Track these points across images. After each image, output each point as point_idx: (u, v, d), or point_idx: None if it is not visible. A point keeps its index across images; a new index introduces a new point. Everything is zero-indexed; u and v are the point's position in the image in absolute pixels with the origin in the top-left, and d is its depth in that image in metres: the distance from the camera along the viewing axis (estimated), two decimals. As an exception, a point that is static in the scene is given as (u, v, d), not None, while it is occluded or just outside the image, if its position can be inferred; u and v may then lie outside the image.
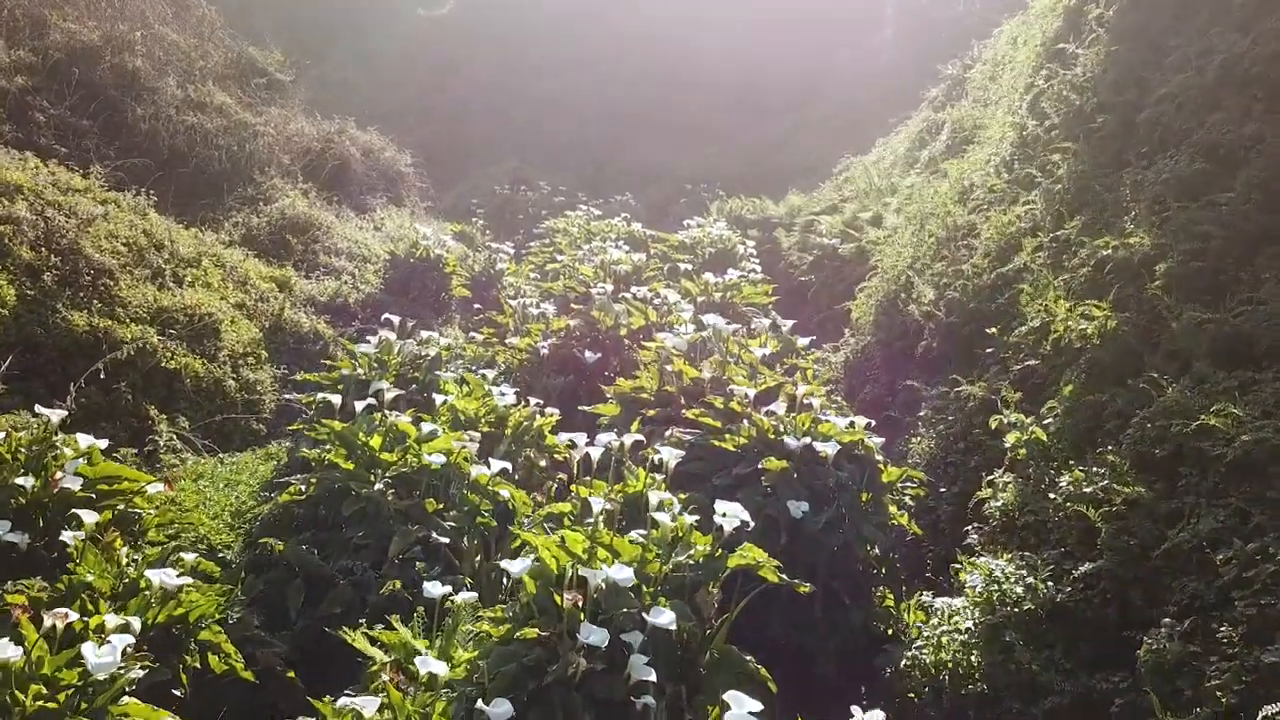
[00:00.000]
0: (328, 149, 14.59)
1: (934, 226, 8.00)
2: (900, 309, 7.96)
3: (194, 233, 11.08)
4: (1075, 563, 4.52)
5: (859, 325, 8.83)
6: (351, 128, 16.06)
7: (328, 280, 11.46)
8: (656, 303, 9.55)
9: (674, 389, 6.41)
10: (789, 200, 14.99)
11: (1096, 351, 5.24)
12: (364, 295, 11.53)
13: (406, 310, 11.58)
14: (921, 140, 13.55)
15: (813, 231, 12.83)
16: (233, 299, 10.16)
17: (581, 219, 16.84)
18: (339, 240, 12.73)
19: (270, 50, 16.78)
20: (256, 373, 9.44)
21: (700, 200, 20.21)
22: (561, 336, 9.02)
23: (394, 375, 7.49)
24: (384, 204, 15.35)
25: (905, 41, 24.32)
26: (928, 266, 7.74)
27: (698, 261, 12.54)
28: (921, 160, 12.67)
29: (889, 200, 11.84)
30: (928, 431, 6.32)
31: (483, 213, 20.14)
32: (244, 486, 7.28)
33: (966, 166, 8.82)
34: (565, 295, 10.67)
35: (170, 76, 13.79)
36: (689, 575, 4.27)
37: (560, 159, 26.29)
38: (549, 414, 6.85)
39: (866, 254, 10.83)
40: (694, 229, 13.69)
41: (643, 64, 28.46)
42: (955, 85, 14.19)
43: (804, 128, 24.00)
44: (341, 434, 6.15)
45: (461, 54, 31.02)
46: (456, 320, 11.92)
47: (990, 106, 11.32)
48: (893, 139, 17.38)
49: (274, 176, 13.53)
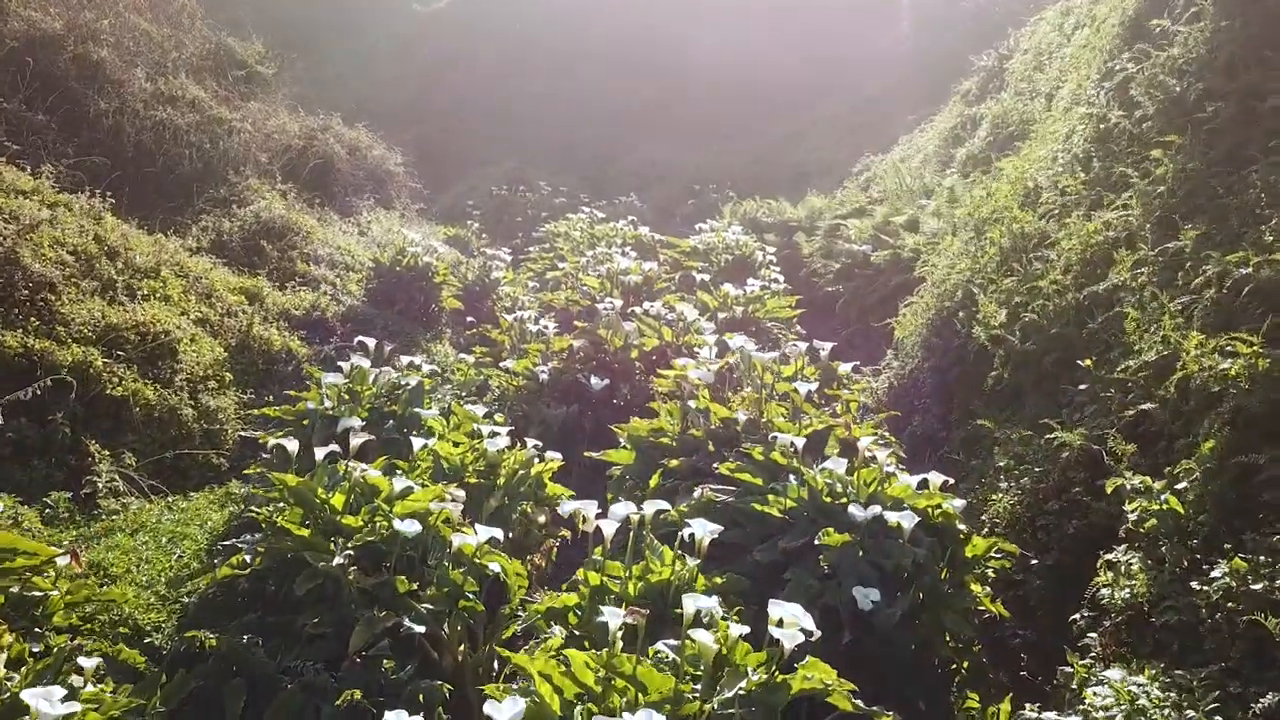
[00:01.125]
0: (310, 147, 13.47)
1: (996, 234, 6.88)
2: (958, 330, 6.84)
3: (156, 239, 9.99)
4: (1248, 687, 3.40)
5: (905, 346, 7.72)
6: (337, 124, 14.94)
7: (304, 291, 10.34)
8: (670, 318, 8.44)
9: (700, 433, 5.29)
10: (809, 202, 13.88)
11: (1243, 397, 4.11)
12: (345, 308, 10.41)
13: (392, 324, 10.47)
14: (955, 137, 12.44)
15: (838, 237, 11.72)
16: (195, 314, 9.06)
17: (584, 222, 15.72)
18: (319, 246, 11.61)
19: (251, 41, 15.66)
20: (218, 399, 8.33)
21: (709, 202, 19.08)
22: (564, 358, 7.90)
23: (367, 410, 6.37)
24: (371, 206, 14.24)
25: (923, 35, 23.19)
26: (992, 281, 6.63)
27: (713, 269, 11.42)
28: (958, 159, 11.56)
29: (925, 202, 10.73)
30: (1008, 485, 5.19)
31: (479, 215, 19.01)
32: (190, 542, 6.17)
33: (1026, 165, 7.70)
34: (567, 309, 9.55)
35: (139, 68, 12.70)
36: (739, 714, 3.15)
37: (561, 158, 25.16)
38: (549, 459, 5.73)
39: (904, 262, 9.72)
40: (707, 234, 12.56)
41: (647, 59, 27.32)
42: (991, 77, 13.08)
43: (817, 125, 22.86)
44: (297, 490, 5.02)
45: (459, 49, 29.91)
46: (447, 335, 10.80)
47: (1039, 99, 10.21)
48: (918, 136, 16.27)
49: (250, 176, 12.42)
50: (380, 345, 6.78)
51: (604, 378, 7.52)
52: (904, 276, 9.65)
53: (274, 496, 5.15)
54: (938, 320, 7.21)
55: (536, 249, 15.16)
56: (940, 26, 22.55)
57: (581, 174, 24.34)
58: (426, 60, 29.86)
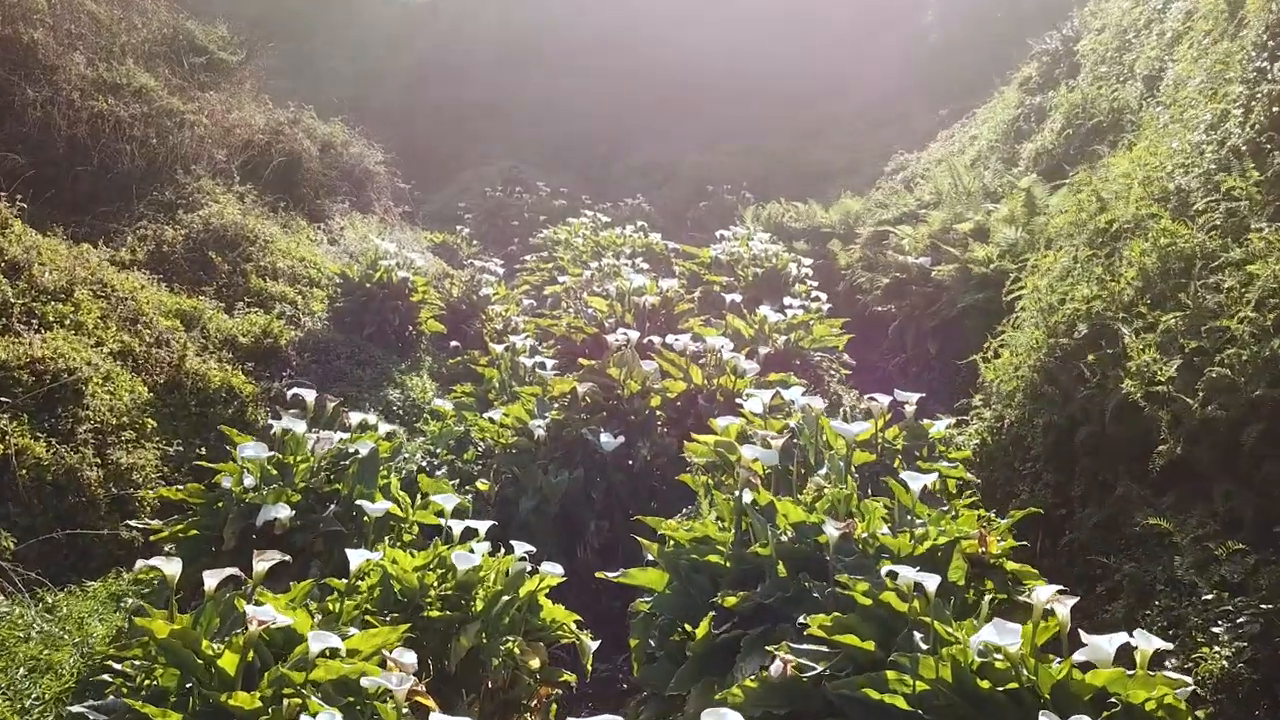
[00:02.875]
0: (275, 142, 11.79)
1: (1135, 250, 5.22)
2: (1085, 376, 5.17)
3: (79, 250, 8.36)
4: None
5: (1000, 391, 6.05)
6: (309, 117, 13.24)
7: (256, 314, 8.66)
8: (695, 349, 6.75)
9: (767, 550, 3.61)
10: (843, 205, 12.21)
11: None
12: (304, 333, 8.73)
13: (360, 352, 8.78)
14: (1017, 130, 10.78)
15: (884, 246, 10.06)
16: (113, 344, 7.40)
17: (587, 227, 14.05)
18: (279, 258, 9.93)
19: (214, 25, 13.95)
20: (134, 454, 6.69)
21: (724, 204, 17.41)
22: (565, 405, 6.22)
23: (300, 491, 4.70)
24: (346, 210, 12.54)
25: (951, 24, 21.50)
26: (1137, 314, 4.97)
27: (739, 285, 9.75)
28: (1025, 155, 9.90)
29: (993, 207, 9.06)
30: (1226, 634, 3.51)
31: (471, 219, 17.36)
32: (51, 680, 4.53)
33: (1153, 161, 6.03)
34: (569, 336, 7.87)
35: (79, 52, 11.04)
36: None
37: (561, 157, 23.49)
38: (546, 575, 4.06)
39: (976, 279, 8.06)
40: (730, 242, 10.87)
41: (651, 53, 25.62)
42: (1055, 62, 11.41)
43: (839, 121, 21.16)
44: (170, 645, 3.35)
45: (453, 43, 28.26)
46: (426, 364, 9.11)
47: (1132, 82, 8.53)
48: (959, 131, 14.61)
49: (202, 176, 10.74)
50: (322, 399, 5.09)
51: (617, 432, 5.84)
52: (975, 297, 7.98)
53: (135, 655, 3.47)
54: (1052, 362, 5.54)
55: (533, 258, 13.50)
56: (970, 14, 20.86)
57: (582, 174, 22.69)
58: (419, 54, 28.23)
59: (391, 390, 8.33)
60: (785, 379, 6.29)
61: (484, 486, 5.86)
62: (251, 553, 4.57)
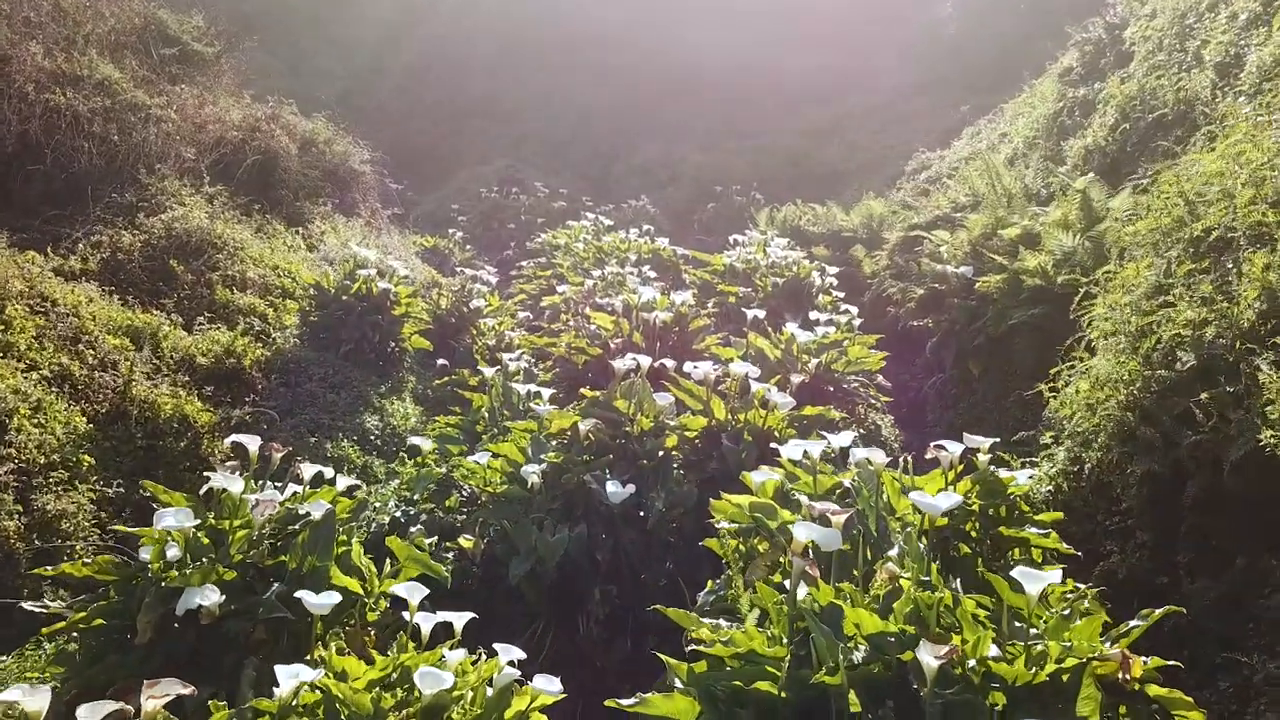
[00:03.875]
0: (251, 139, 10.87)
1: (1257, 267, 4.31)
2: (1197, 419, 4.25)
3: (22, 259, 7.48)
4: None
5: (1076, 430, 5.13)
6: (289, 113, 12.30)
7: (218, 330, 7.74)
8: (716, 374, 5.80)
9: (837, 680, 2.68)
10: (865, 207, 11.27)
11: None
12: (272, 351, 7.80)
13: (335, 373, 7.87)
14: (1059, 126, 9.85)
15: (916, 252, 9.14)
16: (49, 367, 6.51)
17: (589, 231, 13.11)
18: (250, 266, 9.01)
19: (188, 15, 13.01)
20: (65, 498, 5.82)
21: (733, 205, 16.47)
22: (565, 444, 5.29)
23: (236, 567, 3.78)
24: (329, 213, 11.61)
25: (970, 15, 20.56)
26: (1267, 347, 4.05)
27: (757, 297, 8.81)
28: (1072, 153, 8.97)
29: (1041, 210, 8.14)
30: None
31: (465, 222, 16.41)
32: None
33: (1256, 156, 5.10)
34: (569, 358, 6.93)
35: (36, 42, 10.13)
36: None
37: (561, 156, 22.56)
38: (538, 693, 3.13)
39: (1030, 293, 7.13)
40: (746, 248, 9.93)
41: (656, 48, 24.69)
42: (1100, 52, 10.48)
43: (851, 118, 20.22)
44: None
45: (451, 39, 27.36)
46: (410, 385, 8.18)
47: (1201, 70, 7.61)
48: (987, 128, 13.68)
49: (168, 176, 9.81)
50: (267, 451, 4.15)
51: (626, 479, 4.92)
52: (1028, 312, 7.05)
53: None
54: (1148, 398, 4.63)
55: (530, 264, 12.57)
56: (988, 5, 19.92)
57: (583, 174, 21.77)
58: (416, 51, 27.33)
59: (369, 417, 7.40)
60: (824, 413, 5.35)
61: (468, 544, 4.94)
62: (173, 647, 3.66)
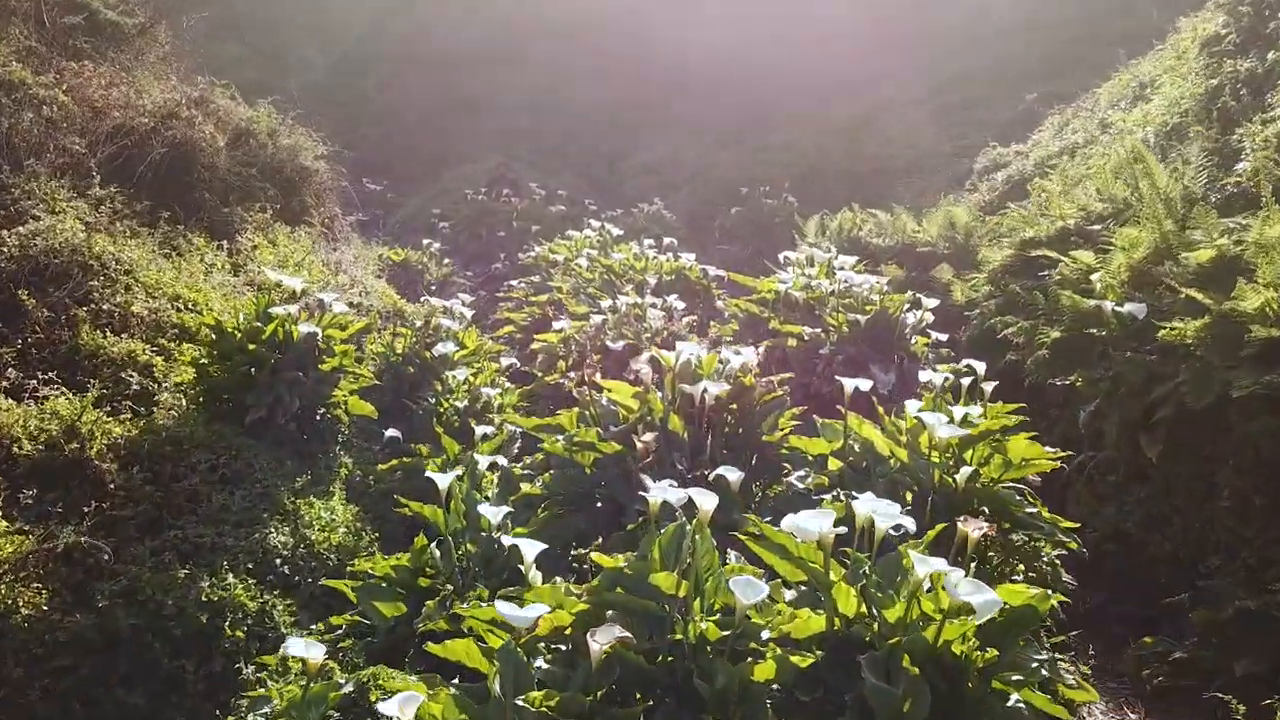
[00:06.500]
0: (164, 128, 8.49)
1: None
2: None
3: None
4: None
5: None
6: (223, 97, 9.88)
7: (61, 398, 5.32)
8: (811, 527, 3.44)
9: None
10: (946, 214, 8.87)
11: None
12: (137, 430, 5.37)
13: (227, 462, 5.43)
14: (1223, 111, 7.48)
15: (1041, 278, 6.75)
16: None
17: (593, 243, 10.71)
18: (138, 297, 6.58)
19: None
20: None
21: (763, 210, 14.03)
22: (564, 658, 2.89)
23: None
24: (269, 221, 9.20)
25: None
26: None
27: (828, 340, 6.41)
28: (1257, 142, 6.58)
29: (1235, 224, 5.75)
30: None
31: (447, 229, 13.97)
32: None
33: None
34: (571, 456, 4.50)
35: (-120, 4, 7.73)
36: None
37: (559, 153, 20.12)
38: None
39: (1258, 347, 4.76)
40: (807, 269, 7.49)
41: (664, 34, 22.24)
42: (1259, 15, 8.10)
43: (891, 109, 17.76)
44: None
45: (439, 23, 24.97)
46: (341, 474, 5.74)
47: None
48: (1074, 118, 11.28)
49: (41, 174, 7.38)
50: None
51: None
52: (1260, 379, 4.67)
53: None
54: None
55: (521, 284, 10.17)
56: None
57: (584, 174, 19.35)
58: (401, 38, 24.97)
59: (275, 528, 4.99)
60: (1025, 595, 2.96)
61: None
62: None
